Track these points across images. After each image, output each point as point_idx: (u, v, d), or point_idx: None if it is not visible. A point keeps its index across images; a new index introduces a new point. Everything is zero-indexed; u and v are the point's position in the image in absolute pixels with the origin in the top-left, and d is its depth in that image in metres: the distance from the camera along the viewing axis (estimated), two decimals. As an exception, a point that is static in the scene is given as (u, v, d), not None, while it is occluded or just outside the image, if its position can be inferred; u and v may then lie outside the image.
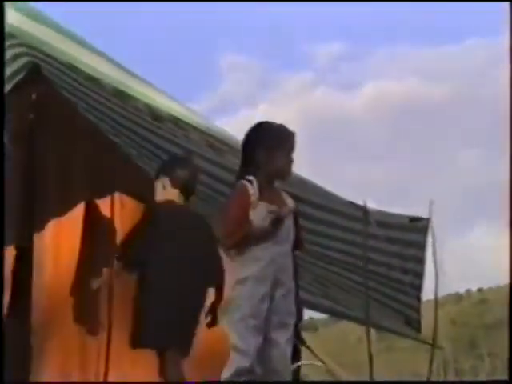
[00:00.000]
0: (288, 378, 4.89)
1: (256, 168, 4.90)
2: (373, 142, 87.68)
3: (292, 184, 6.30)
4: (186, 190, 5.78)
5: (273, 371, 4.78)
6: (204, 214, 6.49)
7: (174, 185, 5.71)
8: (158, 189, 5.78)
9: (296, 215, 5.02)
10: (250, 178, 4.86)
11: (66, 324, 6.52)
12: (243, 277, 4.77)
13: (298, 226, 5.02)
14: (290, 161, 4.96)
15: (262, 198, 4.83)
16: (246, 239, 4.78)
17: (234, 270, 4.88)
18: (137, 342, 5.66)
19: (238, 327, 4.76)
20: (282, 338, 4.79)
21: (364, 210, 6.15)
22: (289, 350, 4.89)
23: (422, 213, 6.63)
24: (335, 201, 6.23)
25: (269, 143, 4.90)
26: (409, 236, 6.54)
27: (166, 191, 5.73)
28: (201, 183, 6.29)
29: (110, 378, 6.44)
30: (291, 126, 5.05)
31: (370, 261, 6.34)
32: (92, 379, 6.43)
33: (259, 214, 4.79)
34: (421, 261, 6.64)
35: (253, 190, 4.83)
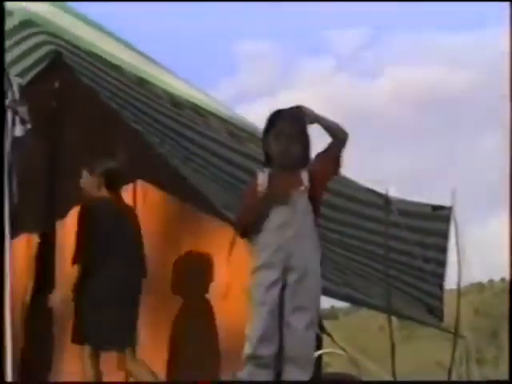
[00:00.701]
0: (308, 365, 4.82)
1: (267, 157, 4.89)
2: (395, 130, 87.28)
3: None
4: (114, 183, 6.02)
5: (289, 358, 4.74)
6: (224, 200, 6.48)
7: (102, 180, 5.88)
8: (91, 185, 5.92)
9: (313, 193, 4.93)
10: (264, 168, 4.84)
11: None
12: (256, 266, 4.76)
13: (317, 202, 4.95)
14: (282, 146, 4.84)
15: (271, 186, 4.80)
16: (252, 227, 4.78)
17: (251, 260, 4.86)
18: (77, 338, 5.93)
19: (251, 317, 4.75)
20: (301, 324, 4.72)
21: (386, 198, 6.09)
22: (310, 336, 4.82)
23: (444, 201, 6.57)
24: (356, 188, 6.19)
25: (264, 131, 4.90)
26: (431, 225, 6.49)
27: (96, 187, 5.95)
28: (221, 170, 6.26)
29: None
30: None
31: (392, 249, 6.29)
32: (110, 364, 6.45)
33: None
34: (443, 250, 6.59)
35: (262, 180, 4.81)
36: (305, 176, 4.83)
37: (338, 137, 4.89)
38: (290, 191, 4.79)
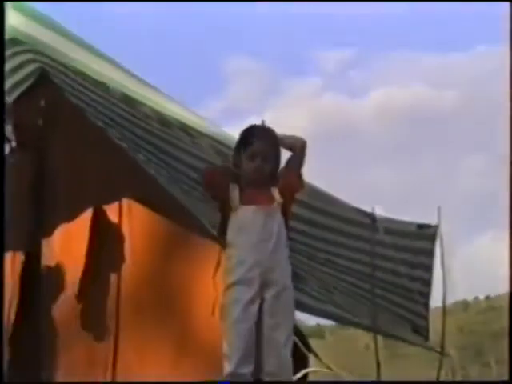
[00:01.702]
0: (288, 380, 4.83)
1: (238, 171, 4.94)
2: (381, 147, 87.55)
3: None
4: None
5: (268, 374, 4.73)
6: (212, 219, 6.47)
7: None
8: None
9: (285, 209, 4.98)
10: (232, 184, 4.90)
11: (71, 328, 6.51)
12: (231, 282, 4.76)
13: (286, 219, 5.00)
14: (257, 164, 4.88)
15: (242, 201, 4.84)
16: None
17: (224, 276, 4.87)
18: None
19: (227, 334, 4.75)
20: (280, 338, 4.73)
21: (372, 216, 6.11)
22: (289, 350, 4.83)
23: (430, 220, 6.59)
24: (342, 207, 6.19)
25: (238, 147, 4.95)
26: (417, 243, 6.50)
27: None
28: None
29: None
30: (299, 132, 5.03)
31: (378, 268, 6.30)
32: (99, 385, 6.41)
33: (241, 216, 4.81)
34: (429, 268, 6.60)
35: (233, 195, 4.85)
36: (275, 192, 4.89)
37: (298, 148, 4.97)
38: (266, 206, 4.84)
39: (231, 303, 4.73)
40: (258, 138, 4.90)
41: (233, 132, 5.94)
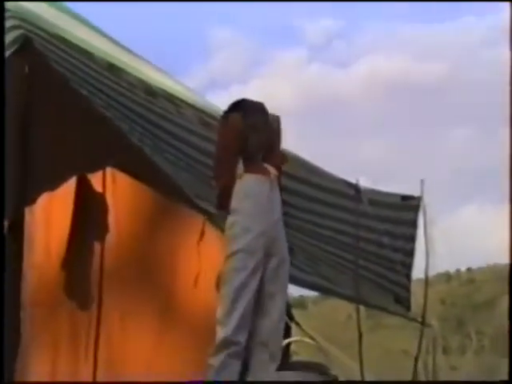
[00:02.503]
0: (277, 352, 4.86)
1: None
2: (366, 119, 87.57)
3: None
4: None
5: (260, 343, 4.77)
6: (196, 189, 6.48)
7: None
8: None
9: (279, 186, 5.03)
10: None
11: (55, 297, 6.52)
12: (235, 250, 4.76)
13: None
14: (259, 137, 4.93)
15: (247, 170, 4.86)
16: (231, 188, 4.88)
17: (227, 244, 4.87)
18: None
19: (225, 300, 4.76)
20: (274, 310, 4.77)
21: (356, 188, 6.12)
22: (281, 324, 4.87)
23: (413, 191, 6.60)
24: (327, 178, 6.20)
25: (243, 115, 5.04)
26: (400, 214, 6.51)
27: None
28: (193, 159, 6.26)
29: (100, 352, 6.45)
30: (284, 103, 5.07)
31: (362, 239, 6.32)
32: (82, 353, 6.43)
33: (247, 183, 4.82)
34: (412, 239, 6.62)
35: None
36: (269, 167, 4.93)
37: (276, 127, 5.03)
38: (269, 176, 4.88)
39: (234, 270, 4.74)
40: (256, 111, 4.94)
41: (217, 102, 5.94)
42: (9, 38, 6.40)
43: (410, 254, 6.69)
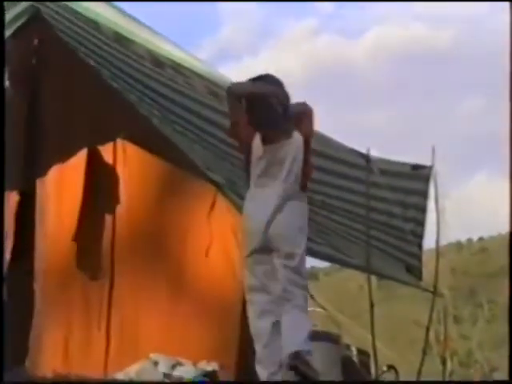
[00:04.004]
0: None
1: None
2: (375, 88, 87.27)
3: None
4: None
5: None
6: (205, 160, 6.44)
7: None
8: None
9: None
10: None
11: (68, 269, 6.52)
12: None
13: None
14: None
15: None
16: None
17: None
18: None
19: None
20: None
21: (367, 157, 6.07)
22: None
23: (425, 161, 6.56)
24: (338, 148, 6.16)
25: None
26: (411, 184, 6.48)
27: None
28: (202, 130, 6.22)
29: (112, 322, 6.45)
30: (294, 73, 4.99)
31: (372, 209, 6.29)
32: (94, 323, 6.44)
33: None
34: (423, 209, 6.59)
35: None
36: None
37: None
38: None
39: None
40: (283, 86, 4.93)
41: (227, 73, 5.88)
42: (17, 9, 6.37)
43: (422, 223, 6.66)
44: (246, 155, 4.87)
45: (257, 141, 4.81)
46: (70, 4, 5.70)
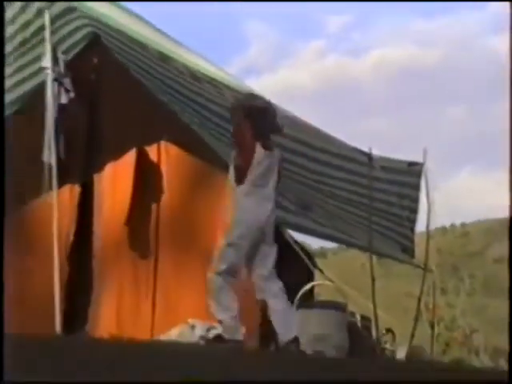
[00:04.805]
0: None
1: None
2: (377, 100, 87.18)
3: (308, 133, 6.22)
4: None
5: None
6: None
7: None
8: None
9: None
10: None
11: (120, 249, 6.53)
12: None
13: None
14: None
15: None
16: None
17: None
18: None
19: None
20: None
21: (369, 156, 6.07)
22: None
23: (417, 159, 6.56)
24: (344, 148, 6.16)
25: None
26: (406, 178, 6.49)
27: None
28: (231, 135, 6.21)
29: (157, 292, 6.46)
30: (307, 88, 4.99)
31: (373, 199, 6.29)
32: (142, 293, 6.45)
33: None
34: (416, 199, 6.61)
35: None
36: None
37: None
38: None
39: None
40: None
41: (251, 85, 5.89)
42: (80, 34, 6.40)
43: (415, 211, 6.67)
44: (248, 158, 4.84)
45: (258, 148, 4.80)
46: (123, 30, 5.71)
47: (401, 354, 6.28)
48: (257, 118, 4.82)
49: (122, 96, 6.57)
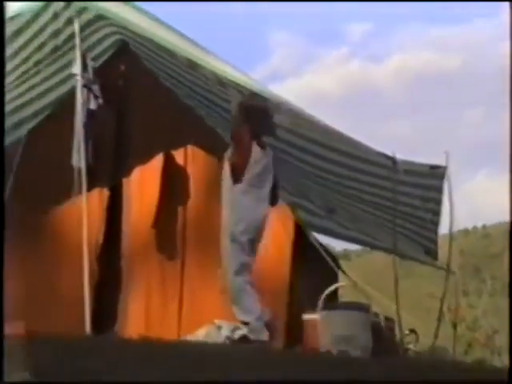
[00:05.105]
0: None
1: None
2: (397, 104, 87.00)
3: (332, 138, 6.20)
4: None
5: None
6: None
7: None
8: None
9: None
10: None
11: (148, 250, 6.55)
12: None
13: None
14: None
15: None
16: None
17: None
18: None
19: None
20: None
21: (393, 159, 6.06)
22: None
23: (438, 161, 6.54)
24: (368, 152, 6.14)
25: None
26: (429, 181, 6.47)
27: None
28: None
29: (184, 293, 6.47)
30: (331, 93, 4.98)
31: (398, 202, 6.27)
32: (170, 294, 6.46)
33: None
34: (439, 202, 6.58)
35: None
36: None
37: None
38: None
39: None
40: None
41: (276, 91, 5.88)
42: (109, 41, 6.44)
43: (438, 213, 6.64)
44: (245, 157, 4.83)
45: (255, 147, 4.79)
46: (151, 37, 5.73)
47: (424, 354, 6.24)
48: (256, 118, 4.82)
49: (150, 102, 6.60)
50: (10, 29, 5.81)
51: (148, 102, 6.61)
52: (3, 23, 5.00)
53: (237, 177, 4.88)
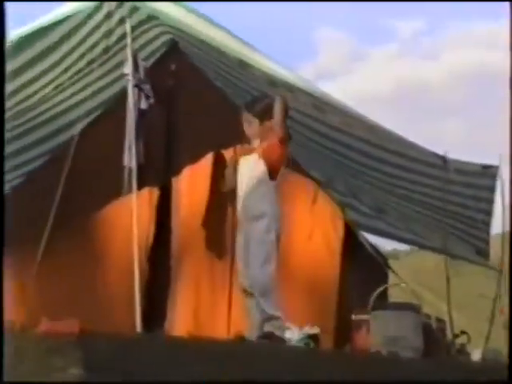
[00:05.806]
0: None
1: None
2: (450, 103, 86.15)
3: (382, 137, 6.15)
4: None
5: None
6: (309, 161, 6.39)
7: None
8: None
9: None
10: None
11: (197, 248, 6.57)
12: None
13: None
14: None
15: None
16: None
17: None
18: None
19: None
20: None
21: (444, 159, 5.99)
22: None
23: (489, 161, 6.46)
24: (419, 151, 6.07)
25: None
26: (481, 181, 6.37)
27: None
28: (306, 137, 6.18)
29: (233, 291, 6.46)
30: (382, 91, 4.94)
31: (448, 202, 6.19)
32: (219, 292, 6.47)
33: None
34: (491, 201, 6.49)
35: None
36: None
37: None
38: None
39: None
40: None
41: (325, 89, 5.85)
42: (160, 41, 6.48)
43: (490, 213, 6.55)
44: (283, 154, 4.91)
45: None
46: (201, 37, 5.75)
47: (476, 356, 6.13)
48: (286, 117, 4.95)
49: (200, 101, 6.61)
50: (62, 29, 5.89)
51: (198, 101, 6.63)
52: (3, 23, 5.07)
53: (273, 174, 5.01)
